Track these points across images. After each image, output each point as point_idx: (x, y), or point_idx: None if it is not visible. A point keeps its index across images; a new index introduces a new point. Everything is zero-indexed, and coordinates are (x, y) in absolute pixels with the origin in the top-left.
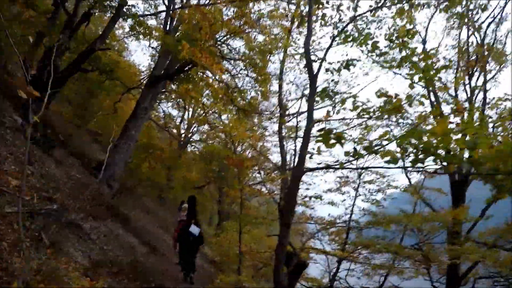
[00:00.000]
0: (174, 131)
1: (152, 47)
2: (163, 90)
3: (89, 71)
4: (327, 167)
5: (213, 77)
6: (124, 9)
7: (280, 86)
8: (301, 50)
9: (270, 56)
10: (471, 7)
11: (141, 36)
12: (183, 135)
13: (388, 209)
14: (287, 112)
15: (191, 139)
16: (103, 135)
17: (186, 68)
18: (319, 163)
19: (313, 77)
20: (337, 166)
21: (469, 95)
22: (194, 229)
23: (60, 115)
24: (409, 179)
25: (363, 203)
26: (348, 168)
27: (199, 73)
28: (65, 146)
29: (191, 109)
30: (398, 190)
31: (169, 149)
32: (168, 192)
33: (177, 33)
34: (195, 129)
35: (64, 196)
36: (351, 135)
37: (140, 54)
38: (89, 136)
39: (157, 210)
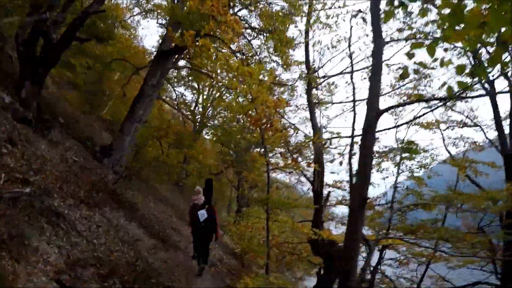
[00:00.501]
0: (189, 115)
1: (160, 24)
2: (173, 66)
3: (85, 41)
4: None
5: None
6: None
7: (307, 45)
8: None
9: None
10: None
11: (149, 15)
12: (198, 119)
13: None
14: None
15: (206, 124)
16: (115, 122)
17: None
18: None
19: None
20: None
21: None
22: (201, 213)
23: (66, 100)
24: (449, 152)
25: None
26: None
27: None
28: (67, 129)
29: (205, 92)
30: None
31: (183, 130)
32: (184, 179)
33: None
34: (210, 113)
35: (51, 179)
36: None
37: (150, 40)
38: (101, 123)
39: (173, 199)
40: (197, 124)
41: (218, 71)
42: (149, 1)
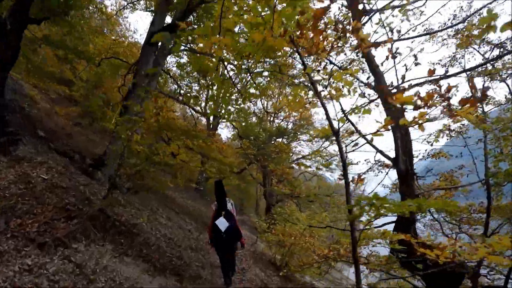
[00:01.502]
0: (199, 110)
1: (151, 11)
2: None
3: (41, 21)
4: None
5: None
6: None
7: None
8: None
9: None
10: None
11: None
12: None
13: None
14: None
15: (220, 120)
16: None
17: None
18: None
19: None
20: None
21: None
22: (221, 223)
23: (60, 115)
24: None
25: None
26: None
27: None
28: (48, 142)
29: (214, 87)
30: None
31: (193, 128)
32: (203, 182)
33: None
34: (222, 109)
35: None
36: None
37: None
38: (104, 135)
39: (193, 207)
40: (210, 124)
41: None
42: None
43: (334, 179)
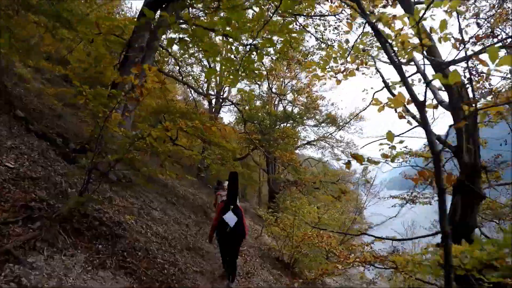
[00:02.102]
0: (200, 91)
1: None
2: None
3: None
4: None
5: None
6: None
7: None
8: None
9: None
10: None
11: None
12: (213, 99)
13: None
14: None
15: (223, 104)
16: None
17: None
18: None
19: None
20: None
21: None
22: (229, 217)
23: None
24: None
25: None
26: None
27: None
28: (28, 124)
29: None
30: None
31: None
32: (205, 168)
33: None
34: (225, 92)
35: None
36: None
37: None
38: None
39: (194, 196)
40: (212, 105)
41: None
42: None
43: (339, 166)
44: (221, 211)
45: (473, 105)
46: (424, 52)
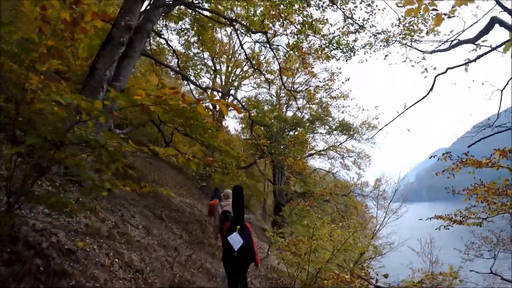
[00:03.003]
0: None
1: None
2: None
3: None
4: None
5: None
6: None
7: None
8: None
9: None
10: None
11: None
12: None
13: None
14: None
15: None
16: None
17: None
18: None
19: None
20: None
21: None
22: (235, 240)
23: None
24: None
25: None
26: None
27: None
28: None
29: (223, 66)
30: None
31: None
32: (206, 178)
33: None
34: (232, 91)
35: None
36: None
37: None
38: None
39: (190, 209)
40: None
41: None
42: None
43: (350, 177)
44: (226, 233)
45: None
46: None
